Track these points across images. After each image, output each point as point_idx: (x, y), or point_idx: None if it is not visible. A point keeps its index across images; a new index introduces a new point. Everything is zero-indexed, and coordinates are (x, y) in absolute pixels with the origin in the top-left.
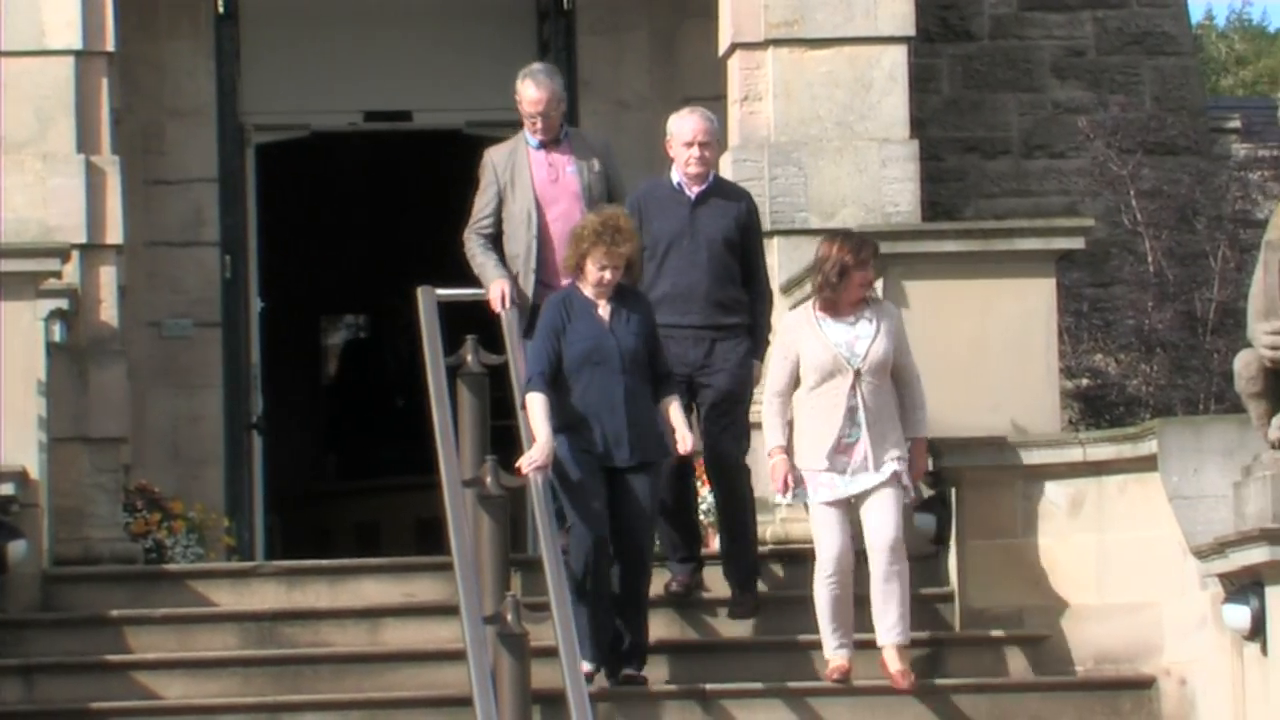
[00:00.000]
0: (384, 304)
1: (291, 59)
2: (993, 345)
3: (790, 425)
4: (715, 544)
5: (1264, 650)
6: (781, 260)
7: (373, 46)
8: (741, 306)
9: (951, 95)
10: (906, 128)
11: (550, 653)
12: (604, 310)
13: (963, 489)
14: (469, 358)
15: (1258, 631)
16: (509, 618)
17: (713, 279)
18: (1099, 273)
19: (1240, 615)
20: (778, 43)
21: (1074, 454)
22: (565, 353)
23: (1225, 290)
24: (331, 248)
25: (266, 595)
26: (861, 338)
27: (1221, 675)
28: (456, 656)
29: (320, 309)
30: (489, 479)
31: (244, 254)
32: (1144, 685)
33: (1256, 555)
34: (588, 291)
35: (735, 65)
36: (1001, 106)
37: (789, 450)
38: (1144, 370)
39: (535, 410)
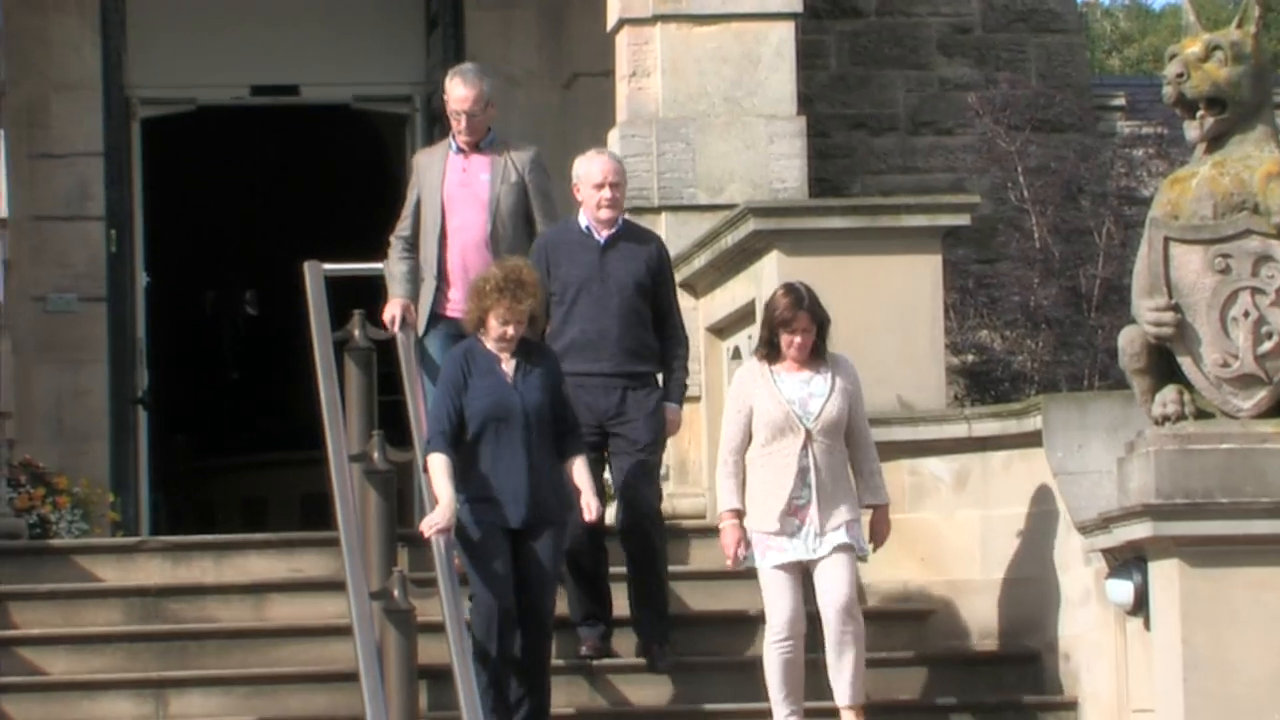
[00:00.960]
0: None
1: (178, 33)
2: (879, 322)
3: (741, 487)
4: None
5: (1147, 625)
6: (670, 237)
7: (260, 20)
8: (653, 353)
9: (839, 72)
10: (794, 104)
11: (437, 628)
12: (507, 365)
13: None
14: (356, 333)
15: (1141, 606)
16: (396, 593)
17: (624, 325)
18: (985, 249)
19: (1123, 590)
20: (665, 18)
21: (959, 430)
22: (467, 409)
23: (1110, 267)
24: (217, 222)
25: (152, 571)
26: (816, 395)
27: (1105, 650)
28: (343, 632)
29: (206, 284)
30: (376, 454)
31: (130, 228)
32: (1029, 660)
33: (1140, 531)
34: (490, 345)
35: (623, 41)
36: (889, 83)
37: (742, 513)
38: (1029, 346)
39: (437, 471)
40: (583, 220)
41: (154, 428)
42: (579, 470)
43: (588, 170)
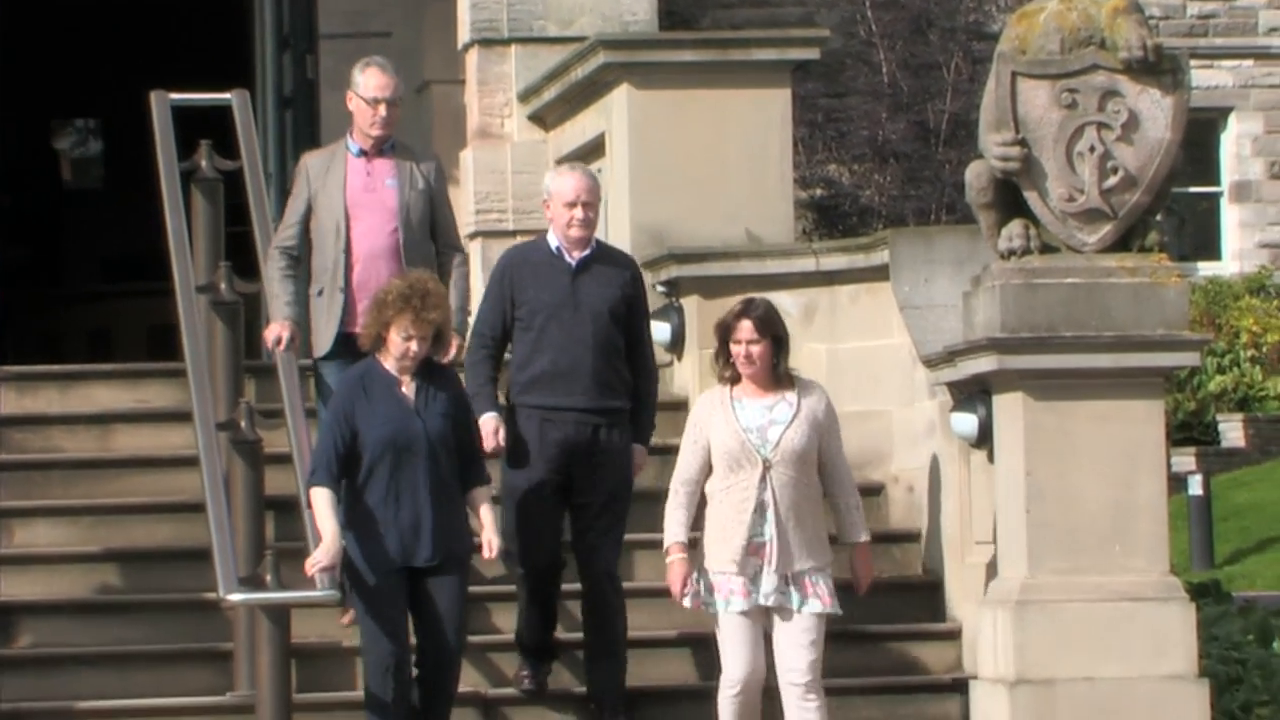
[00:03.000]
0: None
1: None
2: (728, 156)
3: (690, 520)
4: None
5: (990, 457)
6: (519, 69)
7: None
8: (626, 387)
9: None
10: None
11: (283, 459)
12: (408, 388)
13: (697, 299)
14: (203, 163)
15: (984, 439)
16: (243, 424)
17: (597, 355)
18: (834, 83)
19: (968, 423)
20: None
21: (807, 264)
22: (364, 437)
23: (958, 101)
24: (61, 51)
25: None
26: (776, 423)
27: (949, 482)
28: (189, 462)
29: (51, 112)
30: (223, 285)
31: None
32: (873, 491)
33: (984, 364)
34: (390, 366)
35: None
36: None
37: (693, 547)
38: (877, 180)
39: (319, 506)
40: (552, 240)
41: None
42: (484, 506)
43: (559, 187)
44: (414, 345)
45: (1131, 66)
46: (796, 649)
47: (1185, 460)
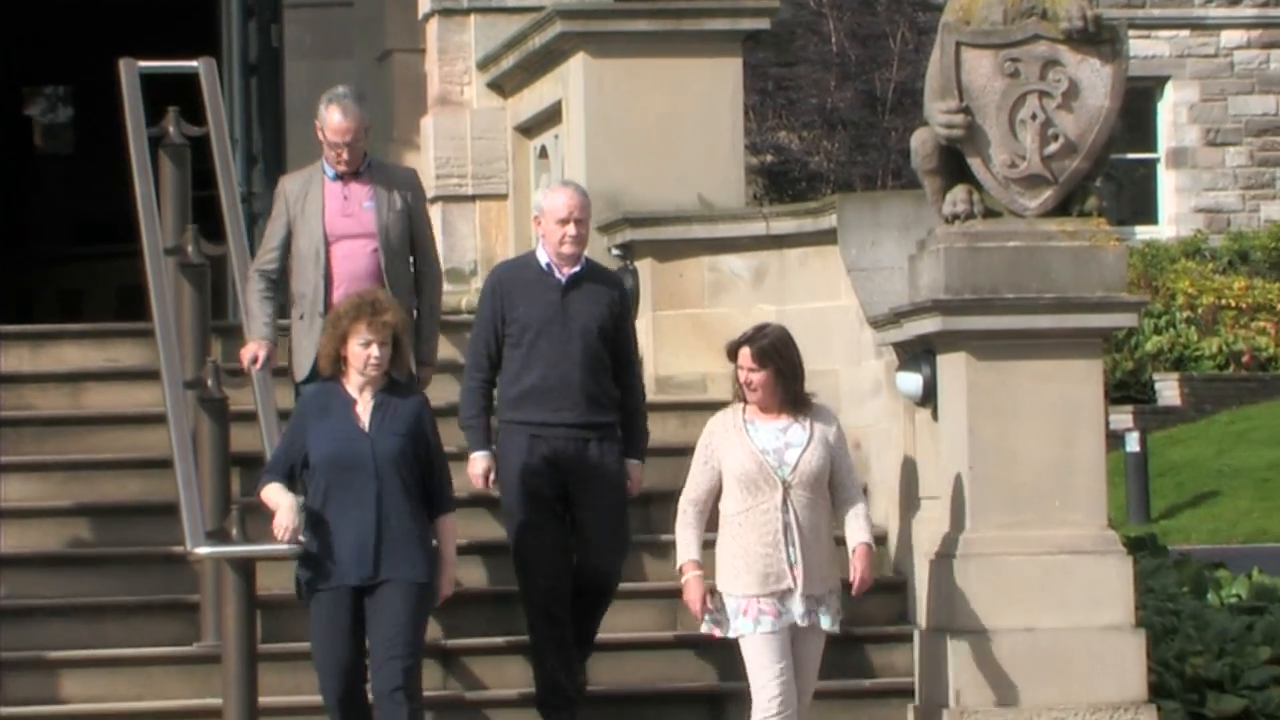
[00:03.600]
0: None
1: None
2: (682, 123)
3: (701, 540)
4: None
5: (934, 415)
6: (479, 39)
7: None
8: (613, 402)
9: None
10: None
11: (249, 416)
12: (363, 408)
13: (651, 261)
14: (171, 129)
15: (929, 398)
16: (209, 382)
17: (586, 371)
18: (784, 53)
19: (913, 382)
20: None
21: (757, 228)
22: (311, 456)
23: (904, 71)
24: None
25: None
26: (793, 446)
27: (894, 439)
28: (157, 420)
29: (21, 80)
30: (190, 248)
31: None
32: None
33: (929, 325)
34: (353, 380)
35: None
36: None
37: (706, 566)
38: (825, 147)
39: (271, 493)
40: (543, 257)
41: None
42: (444, 535)
43: (552, 204)
44: (374, 350)
45: (1072, 37)
46: (806, 664)
47: (1123, 418)
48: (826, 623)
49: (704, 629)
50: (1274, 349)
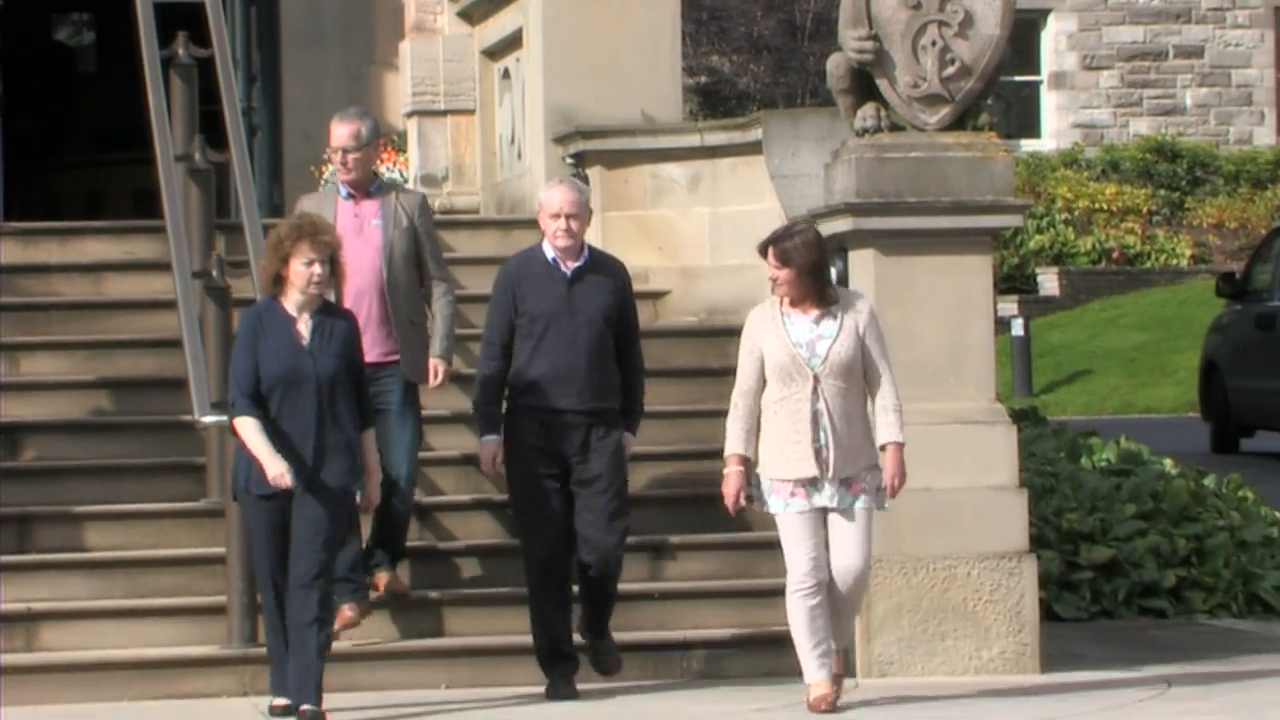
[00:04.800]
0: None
1: None
2: (627, 48)
3: (751, 432)
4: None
5: None
6: None
7: None
8: (616, 387)
9: None
10: None
11: (249, 302)
12: (303, 326)
13: (600, 169)
14: (180, 51)
15: (841, 285)
16: (214, 273)
17: (592, 360)
18: None
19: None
20: None
21: (693, 140)
22: (260, 372)
23: (821, 2)
24: None
25: (4, 251)
26: (824, 337)
27: None
28: (168, 305)
29: (50, 6)
30: (197, 155)
31: None
32: None
33: (841, 225)
34: (294, 298)
35: None
36: None
37: (751, 460)
38: (752, 70)
39: (248, 435)
40: (548, 251)
41: (6, 129)
42: (368, 448)
43: (547, 199)
44: (317, 269)
45: None
46: (849, 546)
47: (1009, 306)
48: (861, 504)
49: (741, 503)
50: (1140, 246)
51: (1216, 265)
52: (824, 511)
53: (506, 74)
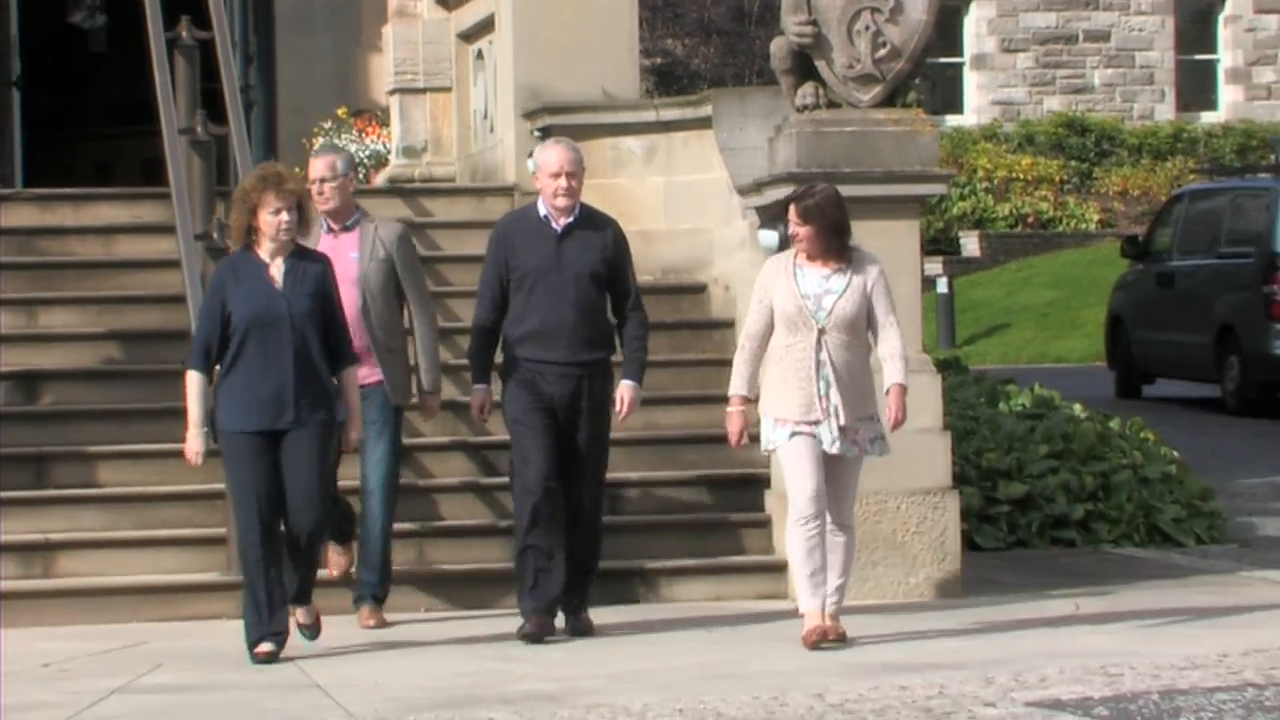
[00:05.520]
0: None
1: None
2: (589, 31)
3: (755, 375)
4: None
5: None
6: None
7: None
8: (608, 340)
9: None
10: None
11: None
12: (276, 270)
13: None
14: (184, 33)
15: (783, 249)
16: (214, 235)
17: (580, 313)
18: None
19: (770, 238)
20: None
21: (649, 116)
22: (233, 316)
23: None
24: None
25: (23, 215)
26: (831, 292)
27: (753, 282)
28: (173, 264)
29: None
30: (199, 128)
31: None
32: (698, 290)
33: (783, 193)
34: (265, 247)
35: None
36: None
37: (751, 400)
38: (703, 52)
39: (191, 390)
40: (541, 209)
41: (26, 105)
42: (349, 386)
43: (545, 159)
44: (285, 215)
45: None
46: (835, 490)
47: (934, 266)
48: (854, 451)
49: (745, 441)
50: (1053, 212)
51: (1121, 229)
52: (823, 452)
53: (480, 55)
